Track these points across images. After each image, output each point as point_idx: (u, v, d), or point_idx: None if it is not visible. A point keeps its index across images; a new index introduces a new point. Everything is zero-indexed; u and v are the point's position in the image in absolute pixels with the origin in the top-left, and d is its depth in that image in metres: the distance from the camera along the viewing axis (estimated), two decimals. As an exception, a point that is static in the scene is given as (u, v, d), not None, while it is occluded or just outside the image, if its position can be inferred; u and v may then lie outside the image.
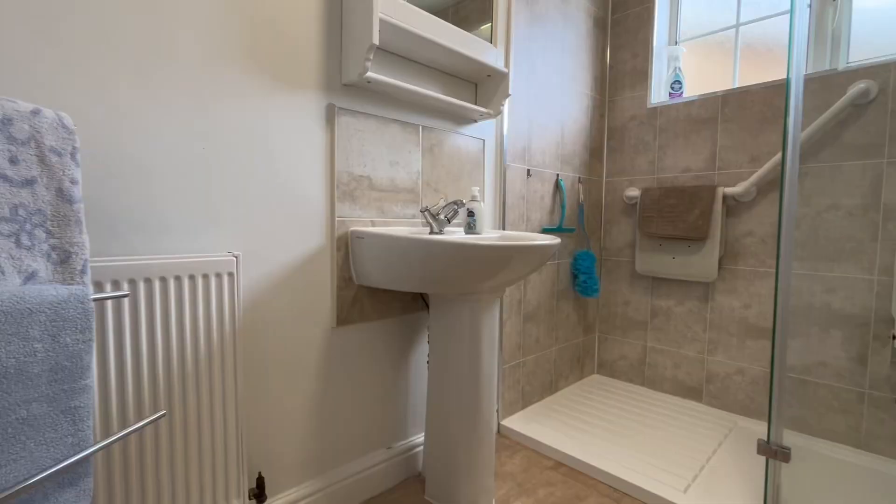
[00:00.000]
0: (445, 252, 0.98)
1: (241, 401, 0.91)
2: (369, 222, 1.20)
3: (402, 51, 1.23)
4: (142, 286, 0.78)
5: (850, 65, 1.49)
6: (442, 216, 1.25)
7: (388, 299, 1.27)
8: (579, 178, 1.98)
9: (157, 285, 0.80)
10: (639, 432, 1.60)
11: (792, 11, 1.00)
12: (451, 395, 1.16)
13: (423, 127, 1.33)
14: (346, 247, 1.15)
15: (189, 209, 0.90)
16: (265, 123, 1.00)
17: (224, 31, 0.93)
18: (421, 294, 1.35)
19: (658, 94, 1.99)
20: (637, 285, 2.03)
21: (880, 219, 1.41)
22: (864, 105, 1.42)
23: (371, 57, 1.04)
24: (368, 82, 1.10)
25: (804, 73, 1.59)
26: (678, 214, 1.77)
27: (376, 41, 1.02)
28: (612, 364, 2.13)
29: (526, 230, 1.72)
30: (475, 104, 1.46)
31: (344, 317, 1.16)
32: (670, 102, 1.90)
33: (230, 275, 0.90)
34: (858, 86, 1.41)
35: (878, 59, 1.42)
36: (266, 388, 1.05)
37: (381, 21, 1.04)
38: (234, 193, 0.96)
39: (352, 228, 1.15)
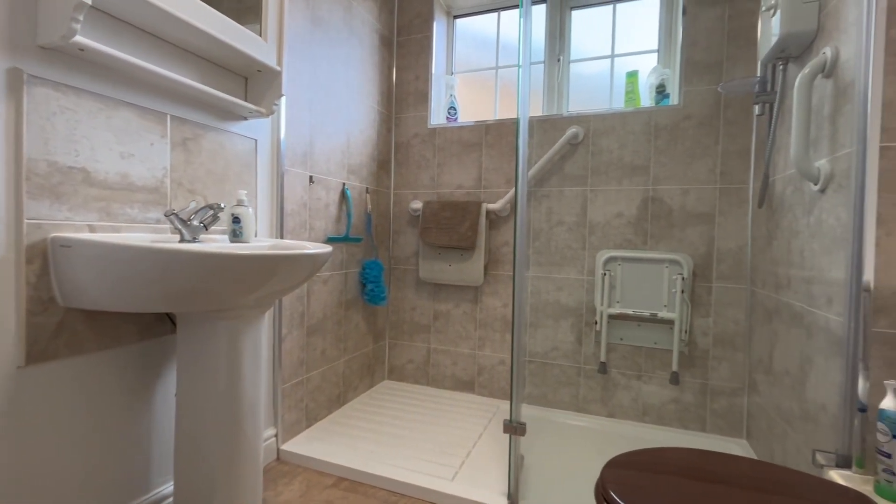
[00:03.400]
0: (192, 264, 0.84)
1: None
2: (86, 227, 0.95)
3: (147, 26, 1.02)
4: None
5: (570, 112, 1.92)
6: (196, 222, 1.07)
7: (118, 322, 1.02)
8: (367, 188, 2.01)
9: None
10: (420, 431, 1.70)
11: (519, 68, 1.23)
12: (205, 431, 1.00)
13: (174, 117, 1.13)
14: (43, 258, 0.88)
15: None
16: None
17: None
18: (168, 313, 1.14)
19: (437, 116, 2.19)
20: (422, 291, 2.17)
21: (587, 232, 1.85)
22: (576, 145, 1.85)
23: (80, 17, 0.82)
24: (81, 49, 0.87)
25: (539, 113, 1.98)
26: (452, 226, 1.97)
27: (87, -1, 0.81)
28: (401, 368, 2.22)
29: (309, 239, 1.64)
30: (244, 100, 1.32)
31: (41, 351, 0.88)
32: (447, 125, 2.11)
33: None
34: (571, 130, 1.82)
35: (584, 111, 1.86)
36: None
37: (98, -24, 0.84)
38: None
39: (53, 234, 0.88)
